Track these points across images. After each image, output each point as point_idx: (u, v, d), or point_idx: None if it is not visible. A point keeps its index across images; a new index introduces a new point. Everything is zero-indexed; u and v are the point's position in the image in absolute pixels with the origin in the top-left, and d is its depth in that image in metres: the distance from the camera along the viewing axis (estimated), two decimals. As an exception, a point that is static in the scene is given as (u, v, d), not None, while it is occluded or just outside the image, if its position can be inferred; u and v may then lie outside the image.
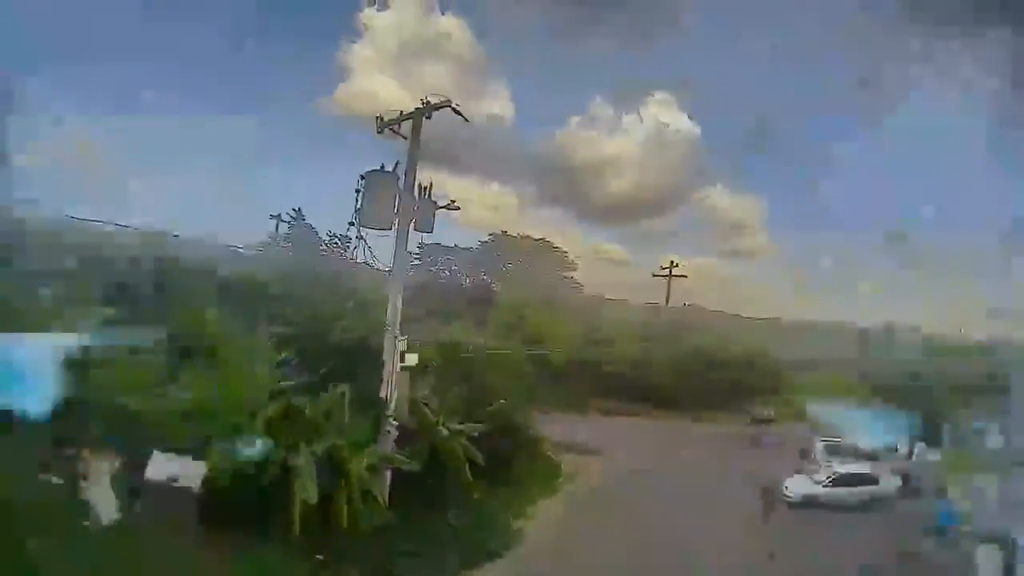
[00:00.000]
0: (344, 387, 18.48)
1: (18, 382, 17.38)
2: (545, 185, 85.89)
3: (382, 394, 18.32)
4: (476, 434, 21.75)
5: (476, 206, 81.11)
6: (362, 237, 18.31)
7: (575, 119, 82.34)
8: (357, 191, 17.84)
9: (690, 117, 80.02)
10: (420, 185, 18.73)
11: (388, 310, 18.49)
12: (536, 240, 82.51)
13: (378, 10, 73.26)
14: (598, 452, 32.50)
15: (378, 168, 18.20)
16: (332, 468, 16.74)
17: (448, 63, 79.78)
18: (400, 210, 18.18)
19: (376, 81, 75.13)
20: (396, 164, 18.28)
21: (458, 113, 18.62)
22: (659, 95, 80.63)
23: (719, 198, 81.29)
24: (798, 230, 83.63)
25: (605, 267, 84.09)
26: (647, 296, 55.81)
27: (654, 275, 51.79)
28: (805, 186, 77.76)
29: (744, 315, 66.37)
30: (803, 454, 33.30)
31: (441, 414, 21.75)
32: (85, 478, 16.91)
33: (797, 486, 28.05)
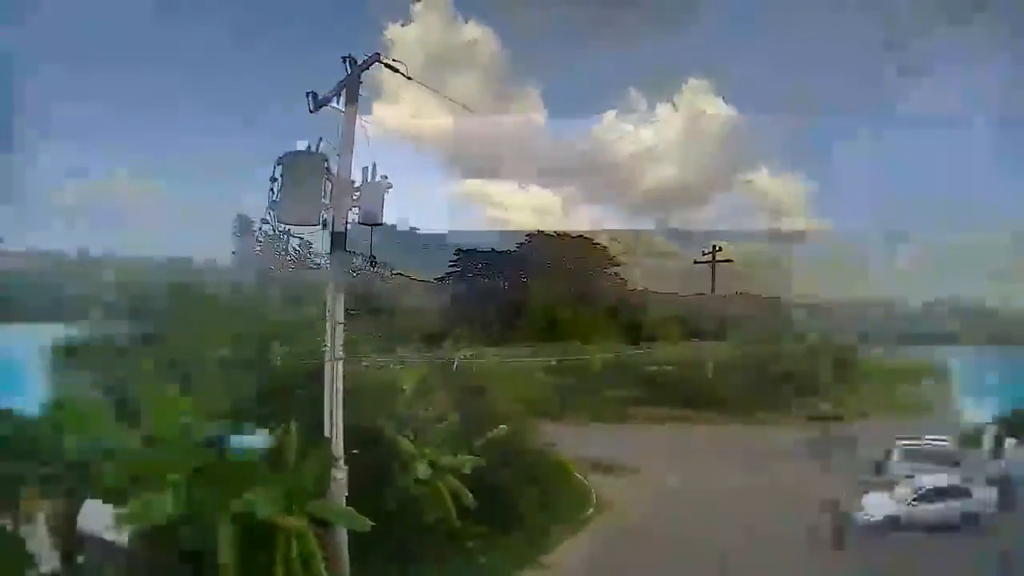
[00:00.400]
0: (276, 428, 14.93)
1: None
2: (586, 183, 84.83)
3: (326, 432, 14.57)
4: (468, 470, 17.84)
5: (519, 210, 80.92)
6: (287, 233, 14.70)
7: (610, 113, 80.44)
8: (273, 180, 14.19)
9: (726, 101, 76.80)
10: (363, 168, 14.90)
11: (327, 326, 14.66)
12: (575, 237, 78.79)
13: (402, 25, 73.53)
14: (638, 471, 28.11)
15: (301, 149, 14.50)
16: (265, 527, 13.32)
17: (477, 71, 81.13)
18: (334, 199, 14.46)
19: (408, 95, 76.05)
20: (319, 141, 14.51)
21: (393, 68, 14.85)
22: (693, 81, 77.93)
23: (763, 181, 78.03)
24: (846, 206, 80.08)
25: (652, 260, 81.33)
26: (696, 287, 51.39)
27: (696, 262, 47.00)
28: (852, 159, 72.95)
29: (798, 300, 61.04)
30: (878, 463, 28.24)
31: (428, 447, 17.99)
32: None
33: (876, 505, 23.08)
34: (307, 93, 15.46)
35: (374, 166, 14.64)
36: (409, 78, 14.92)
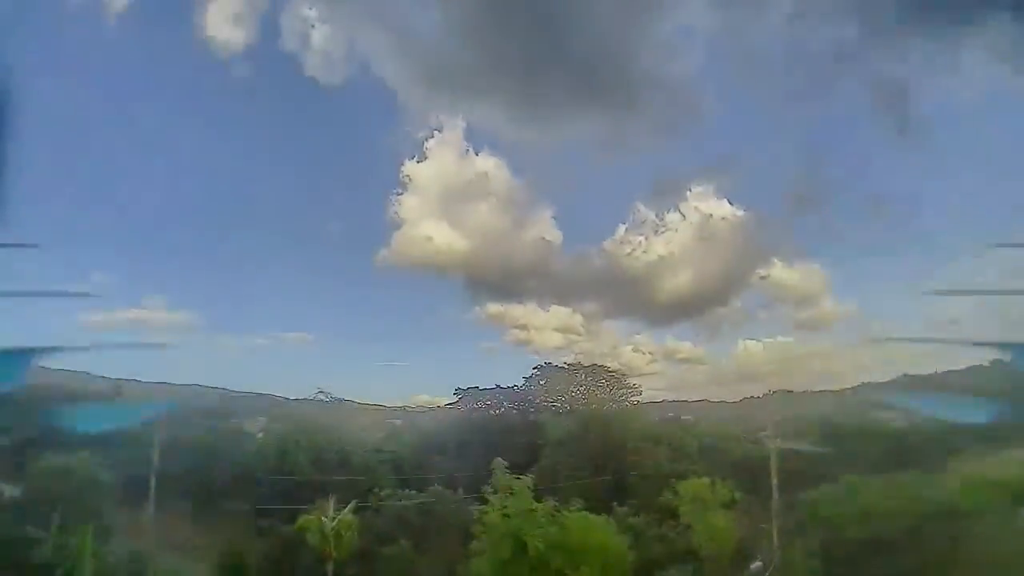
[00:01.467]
0: None
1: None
2: (605, 297, 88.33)
3: None
4: None
5: (542, 330, 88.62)
6: None
7: (621, 227, 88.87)
8: None
9: (730, 202, 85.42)
10: None
11: None
12: (587, 367, 70.91)
13: (418, 162, 78.44)
14: None
15: None
16: None
17: (491, 199, 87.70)
18: None
19: (428, 226, 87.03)
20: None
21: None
22: (696, 188, 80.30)
23: (779, 274, 78.36)
24: (863, 288, 79.61)
25: (678, 367, 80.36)
26: (727, 393, 42.81)
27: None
28: (863, 241, 72.08)
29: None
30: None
31: None
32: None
33: None
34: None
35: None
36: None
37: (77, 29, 67.79)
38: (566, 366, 71.49)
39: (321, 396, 63.46)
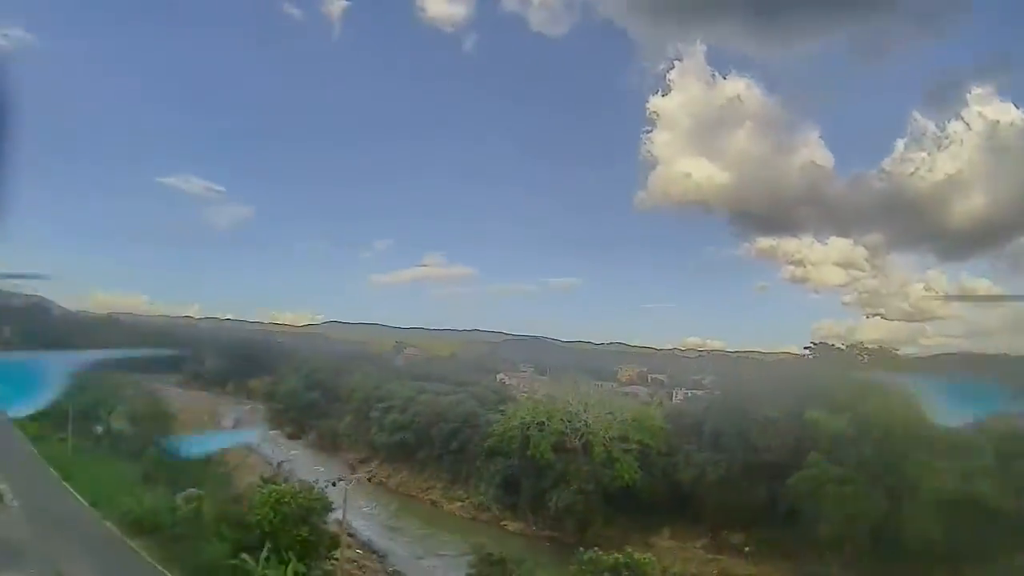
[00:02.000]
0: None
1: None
2: (890, 226, 76.72)
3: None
4: None
5: (820, 265, 76.46)
6: None
7: (899, 143, 70.30)
8: None
9: (1016, 105, 62.29)
10: None
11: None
12: (870, 349, 60.98)
13: (663, 96, 76.88)
14: None
15: None
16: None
17: (747, 125, 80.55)
18: None
19: (684, 162, 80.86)
20: None
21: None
22: (976, 90, 64.18)
23: None
24: None
25: (976, 310, 68.71)
26: None
27: None
28: None
29: None
30: None
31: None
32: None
33: None
34: None
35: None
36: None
37: (306, 38, 76.47)
38: (843, 347, 62.82)
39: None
